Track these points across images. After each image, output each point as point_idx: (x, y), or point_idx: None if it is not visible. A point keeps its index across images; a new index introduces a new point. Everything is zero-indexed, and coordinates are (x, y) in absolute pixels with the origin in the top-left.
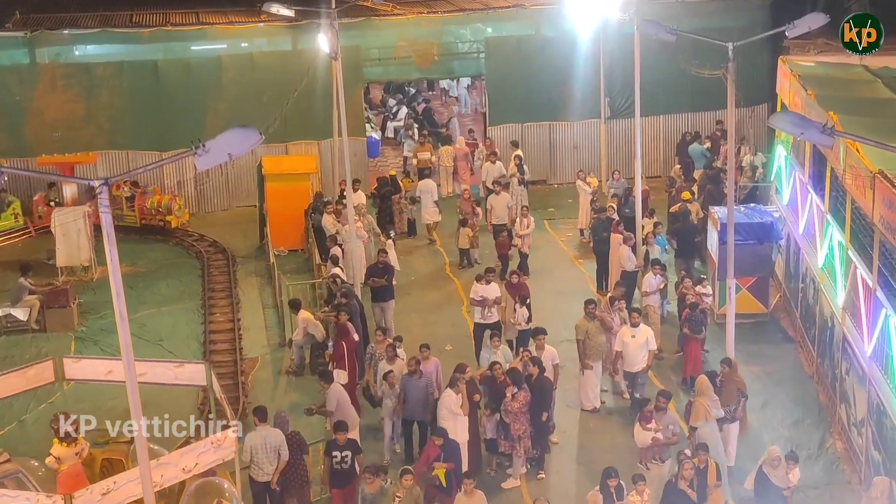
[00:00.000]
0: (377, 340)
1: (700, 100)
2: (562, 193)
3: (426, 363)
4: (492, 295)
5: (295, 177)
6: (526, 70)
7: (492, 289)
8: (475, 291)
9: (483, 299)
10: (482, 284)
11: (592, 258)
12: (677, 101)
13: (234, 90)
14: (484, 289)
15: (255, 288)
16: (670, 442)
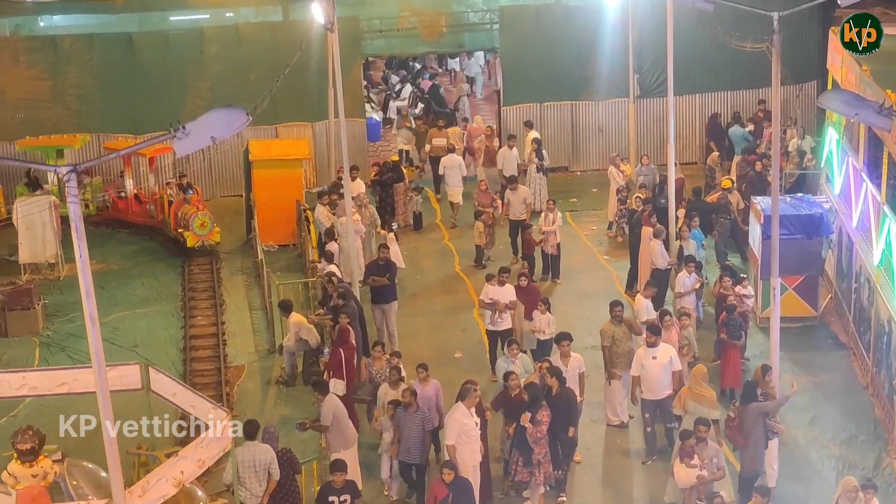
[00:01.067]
0: (374, 356)
1: (741, 77)
2: (585, 182)
3: (425, 386)
4: (504, 298)
5: (286, 163)
6: (545, 43)
7: (505, 291)
8: (486, 293)
9: (493, 302)
10: (494, 285)
11: (620, 255)
12: (715, 79)
13: (218, 66)
14: (496, 291)
15: (241, 288)
16: (715, 477)
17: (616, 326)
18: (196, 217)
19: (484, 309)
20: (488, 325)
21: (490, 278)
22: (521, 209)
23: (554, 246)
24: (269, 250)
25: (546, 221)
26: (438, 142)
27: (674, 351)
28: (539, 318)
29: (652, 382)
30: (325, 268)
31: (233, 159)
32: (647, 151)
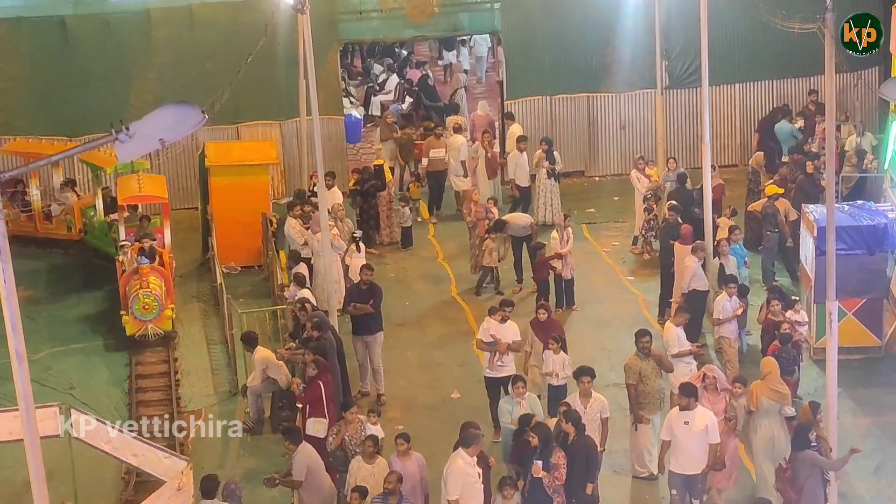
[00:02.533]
0: (347, 419)
1: (788, 63)
2: (604, 188)
3: (405, 461)
4: (507, 337)
5: (249, 169)
6: (556, 24)
7: (508, 329)
8: (485, 330)
9: (494, 342)
10: (495, 321)
11: (647, 274)
12: (758, 66)
13: (168, 55)
14: (497, 328)
15: (196, 318)
16: None
17: (643, 360)
18: (138, 296)
19: (482, 350)
20: (486, 371)
21: (493, 311)
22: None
23: (572, 268)
24: (229, 273)
25: (562, 242)
26: (437, 154)
27: (712, 418)
28: (551, 358)
29: (682, 453)
30: (297, 293)
31: (186, 165)
32: (678, 152)
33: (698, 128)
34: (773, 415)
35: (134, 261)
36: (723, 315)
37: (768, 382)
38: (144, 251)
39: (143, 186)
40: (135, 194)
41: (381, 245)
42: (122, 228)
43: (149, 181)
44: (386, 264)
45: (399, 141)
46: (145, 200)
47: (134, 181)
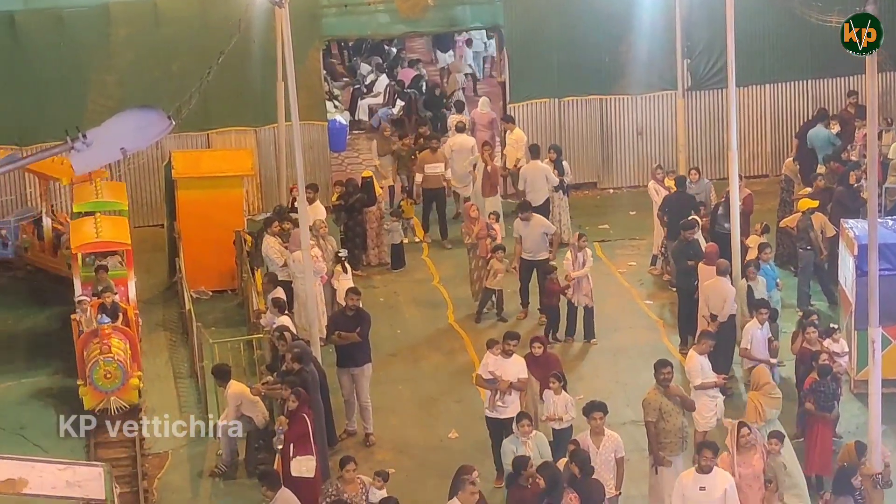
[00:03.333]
0: (344, 478)
1: (825, 61)
2: (620, 202)
3: None
4: (510, 374)
5: (221, 181)
6: (565, 18)
7: (512, 365)
8: (485, 366)
9: (495, 379)
10: (497, 356)
11: (667, 298)
12: (791, 64)
13: (130, 54)
14: (499, 363)
15: (162, 349)
16: None
17: (664, 395)
18: (99, 363)
19: (482, 387)
20: (487, 410)
21: (493, 345)
22: (536, 245)
23: (587, 295)
24: (199, 298)
25: (575, 263)
26: (433, 169)
27: (731, 482)
28: (552, 399)
29: None
30: (275, 320)
31: (150, 177)
32: (702, 161)
33: (724, 134)
34: (774, 424)
35: (93, 320)
36: (754, 344)
37: (765, 392)
38: (106, 308)
39: (100, 230)
40: (90, 241)
41: (368, 266)
42: (77, 282)
43: (108, 223)
44: (374, 288)
45: (399, 153)
46: (103, 248)
47: (89, 225)
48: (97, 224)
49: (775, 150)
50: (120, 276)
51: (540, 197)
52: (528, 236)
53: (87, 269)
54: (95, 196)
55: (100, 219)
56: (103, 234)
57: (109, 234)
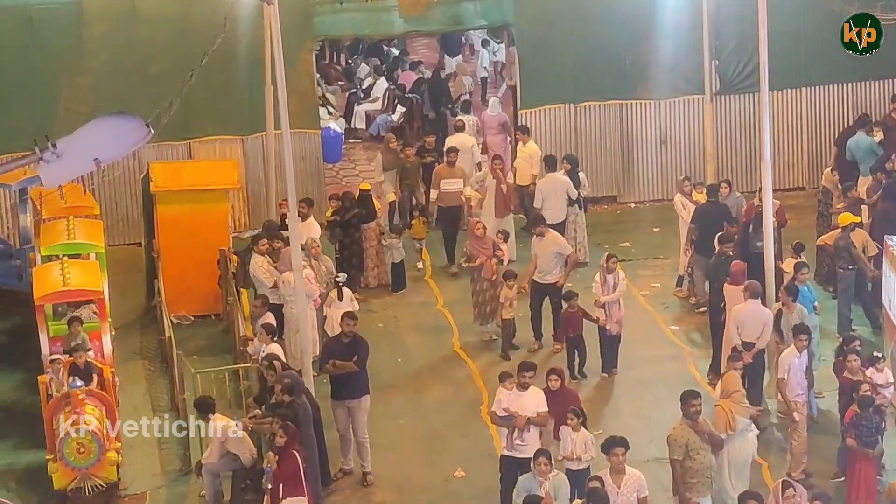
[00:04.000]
0: None
1: (867, 63)
2: (642, 218)
3: None
4: (528, 409)
5: (204, 195)
6: (582, 16)
7: (529, 399)
8: (499, 402)
9: (510, 416)
10: (511, 389)
11: (695, 323)
12: (829, 66)
13: (105, 56)
14: (514, 398)
15: (140, 379)
16: None
17: (692, 430)
18: (70, 435)
19: (497, 425)
20: (505, 449)
21: (506, 378)
22: (550, 264)
23: (618, 323)
24: (180, 323)
25: (604, 287)
26: (450, 185)
27: None
28: (570, 437)
29: None
30: (264, 348)
31: (126, 191)
32: (733, 172)
33: (756, 142)
34: (745, 433)
35: (64, 382)
36: (790, 373)
37: (735, 400)
38: (78, 370)
39: (68, 277)
40: (56, 289)
41: (366, 289)
42: (43, 338)
43: (76, 269)
44: (373, 312)
45: (404, 165)
46: (72, 298)
47: (55, 271)
48: (64, 270)
49: (812, 159)
50: (93, 329)
51: (558, 214)
52: (540, 254)
53: (59, 321)
54: (67, 236)
55: (67, 264)
56: (72, 281)
57: (79, 280)
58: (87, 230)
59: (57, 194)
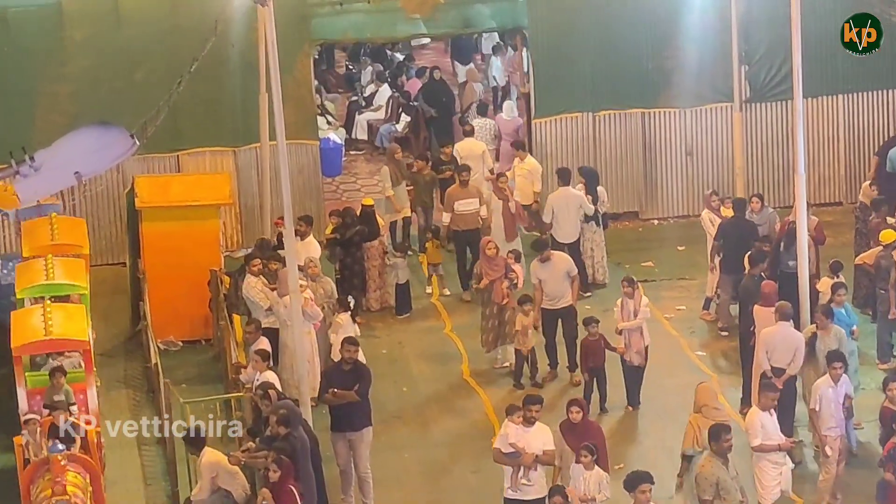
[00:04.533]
0: None
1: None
2: (666, 235)
3: None
4: (534, 446)
5: (193, 211)
6: (601, 18)
7: (536, 435)
8: (503, 437)
9: (517, 453)
10: (518, 424)
11: (723, 348)
12: (868, 71)
13: (86, 61)
14: (520, 434)
15: (124, 409)
16: None
17: (723, 466)
18: None
19: (501, 463)
20: (509, 491)
21: (513, 411)
22: (560, 289)
23: (640, 353)
24: (168, 349)
25: (624, 312)
26: (465, 206)
27: None
28: (582, 476)
29: None
30: (258, 376)
31: (110, 207)
32: (764, 186)
33: (789, 154)
34: None
35: (42, 446)
36: (825, 404)
37: (707, 414)
38: (57, 432)
39: (50, 325)
40: (37, 339)
41: (368, 312)
42: (21, 392)
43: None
44: (376, 337)
45: (416, 179)
46: (55, 348)
47: (36, 316)
48: (46, 316)
49: (850, 172)
50: (78, 381)
51: (571, 232)
52: (549, 279)
53: (38, 372)
54: (45, 275)
55: (50, 308)
56: (55, 328)
57: (63, 328)
58: (68, 269)
59: (45, 227)
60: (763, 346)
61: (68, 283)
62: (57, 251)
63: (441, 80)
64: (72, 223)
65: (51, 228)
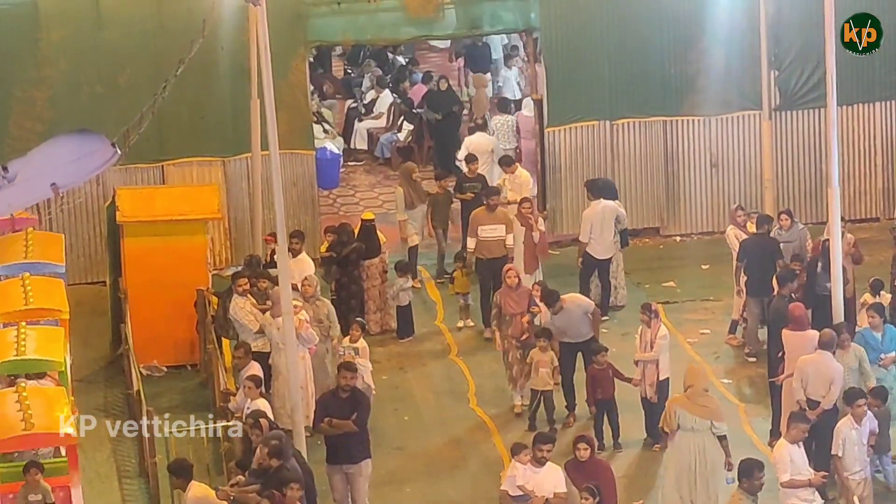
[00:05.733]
0: None
1: None
2: (689, 253)
3: None
4: (544, 488)
5: (179, 226)
6: (619, 20)
7: (546, 476)
8: (511, 479)
9: (525, 496)
10: (527, 463)
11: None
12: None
13: (65, 65)
14: (529, 474)
15: (103, 441)
16: None
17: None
18: None
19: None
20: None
21: (519, 450)
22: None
23: (652, 386)
24: (151, 375)
25: (642, 343)
26: (489, 232)
27: None
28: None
29: None
30: (248, 404)
31: (89, 221)
32: (794, 200)
33: (822, 166)
34: (703, 432)
35: None
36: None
37: (691, 397)
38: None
39: (29, 416)
40: (13, 434)
41: (368, 335)
42: None
43: (38, 400)
44: (375, 362)
45: (435, 200)
46: (35, 445)
47: (9, 404)
48: (23, 403)
49: (888, 186)
50: (59, 474)
51: (609, 247)
52: (567, 327)
53: (11, 464)
54: (15, 348)
55: (27, 393)
56: (35, 419)
57: (44, 419)
58: (43, 340)
59: (15, 288)
60: (799, 373)
61: (45, 358)
62: (31, 316)
63: (448, 89)
64: (48, 284)
65: (24, 289)
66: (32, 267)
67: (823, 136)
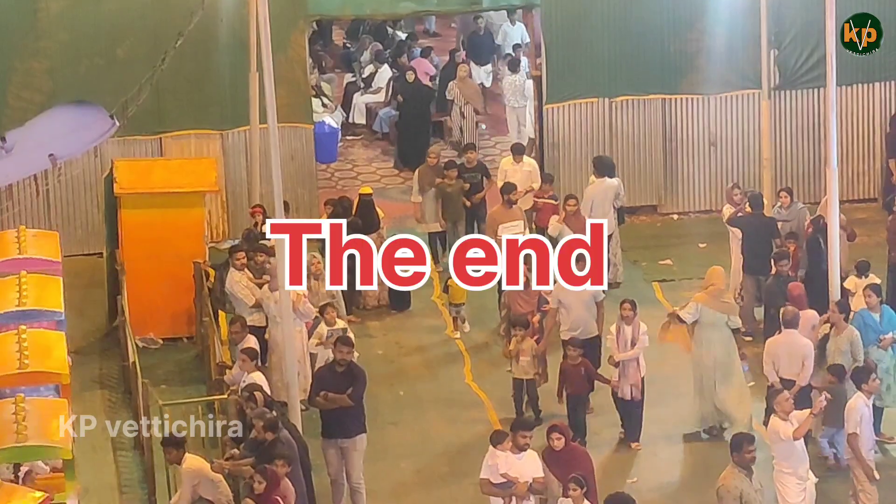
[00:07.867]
0: None
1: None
2: (686, 231)
3: None
4: (525, 474)
5: (177, 199)
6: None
7: (526, 463)
8: (493, 467)
9: (508, 483)
10: (506, 451)
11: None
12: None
13: (63, 36)
14: (511, 461)
15: (98, 412)
16: None
17: (746, 478)
18: None
19: (489, 494)
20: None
21: (499, 438)
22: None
23: (636, 386)
24: (147, 347)
25: (620, 341)
26: (509, 230)
27: None
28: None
29: None
30: (244, 377)
31: (87, 193)
32: (793, 179)
33: (821, 146)
34: (720, 327)
35: None
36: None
37: (713, 294)
38: None
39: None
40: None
41: (363, 309)
42: None
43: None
44: (371, 336)
45: (445, 190)
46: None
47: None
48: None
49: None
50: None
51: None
52: (573, 304)
53: None
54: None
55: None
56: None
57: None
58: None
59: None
60: (769, 357)
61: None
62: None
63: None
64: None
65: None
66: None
67: (822, 116)
